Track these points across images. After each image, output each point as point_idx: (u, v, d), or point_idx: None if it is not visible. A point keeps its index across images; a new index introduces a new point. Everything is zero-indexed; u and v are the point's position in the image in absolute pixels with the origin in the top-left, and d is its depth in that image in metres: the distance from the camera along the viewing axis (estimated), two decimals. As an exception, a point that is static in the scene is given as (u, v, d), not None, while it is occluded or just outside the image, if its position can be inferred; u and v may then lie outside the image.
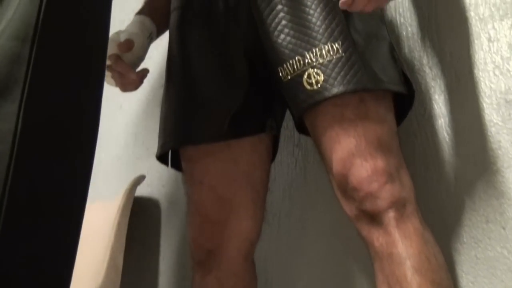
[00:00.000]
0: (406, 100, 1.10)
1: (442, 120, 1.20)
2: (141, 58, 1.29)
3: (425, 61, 1.24)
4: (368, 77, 1.00)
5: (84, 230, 0.90)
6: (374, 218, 0.99)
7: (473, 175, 1.14)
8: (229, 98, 1.14)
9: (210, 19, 1.18)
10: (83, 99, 0.85)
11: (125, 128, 1.89)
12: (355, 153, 1.00)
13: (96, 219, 1.58)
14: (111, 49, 1.22)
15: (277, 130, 1.22)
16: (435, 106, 1.21)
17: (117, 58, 1.23)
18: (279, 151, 1.29)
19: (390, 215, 0.98)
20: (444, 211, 1.17)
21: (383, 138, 1.01)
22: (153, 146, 1.25)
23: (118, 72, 1.23)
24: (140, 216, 1.74)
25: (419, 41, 1.26)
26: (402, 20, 1.29)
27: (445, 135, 1.19)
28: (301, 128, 1.14)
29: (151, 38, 1.30)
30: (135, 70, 1.26)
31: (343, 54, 1.00)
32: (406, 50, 1.27)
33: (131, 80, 1.24)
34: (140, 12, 1.33)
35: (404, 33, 1.28)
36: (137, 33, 1.26)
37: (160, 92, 1.38)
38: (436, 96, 1.21)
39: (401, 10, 1.30)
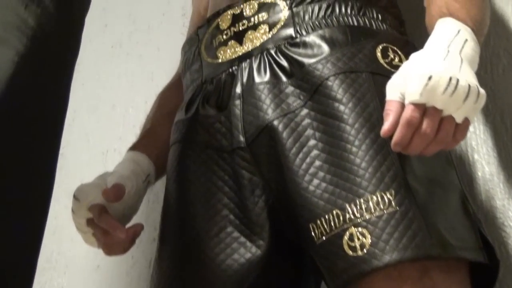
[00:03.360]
0: (487, 269, 1.03)
1: (544, 295, 1.13)
2: (134, 209, 1.25)
3: (511, 212, 1.22)
4: (432, 241, 0.95)
5: None
6: None
7: None
8: (242, 265, 1.10)
9: (219, 156, 1.16)
10: None
11: (103, 296, 1.86)
12: None
13: None
14: (95, 198, 1.18)
15: (311, 308, 1.13)
16: (532, 275, 1.14)
17: (102, 209, 1.18)
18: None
19: None
20: None
21: (457, 327, 0.94)
22: (139, 324, 1.21)
23: (101, 229, 1.18)
24: None
25: (501, 184, 1.23)
26: (476, 156, 1.26)
27: (550, 316, 1.13)
28: (342, 305, 1.07)
29: (148, 181, 1.27)
30: (125, 225, 1.21)
31: (397, 208, 0.97)
32: (483, 197, 1.23)
33: (119, 239, 1.18)
34: (133, 148, 1.29)
35: (480, 174, 1.25)
36: (129, 176, 1.22)
37: (151, 248, 1.36)
38: (532, 261, 1.16)
39: (473, 143, 1.28)
